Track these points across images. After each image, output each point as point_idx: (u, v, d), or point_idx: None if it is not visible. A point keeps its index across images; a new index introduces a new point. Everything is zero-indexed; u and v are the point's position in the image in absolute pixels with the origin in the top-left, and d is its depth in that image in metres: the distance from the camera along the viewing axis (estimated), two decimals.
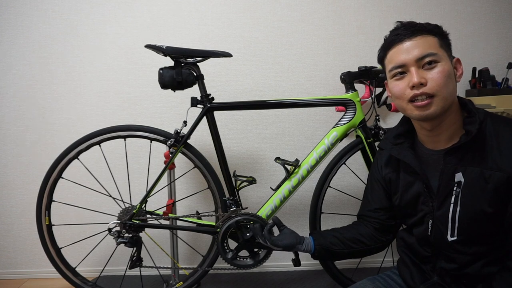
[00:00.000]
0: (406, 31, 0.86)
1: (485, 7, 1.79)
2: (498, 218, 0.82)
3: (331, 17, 1.77)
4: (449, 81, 0.83)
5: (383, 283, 1.03)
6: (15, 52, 1.76)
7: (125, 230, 1.39)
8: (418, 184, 0.93)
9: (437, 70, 0.83)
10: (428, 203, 0.91)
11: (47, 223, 1.47)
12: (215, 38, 1.77)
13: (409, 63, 0.85)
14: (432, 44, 0.84)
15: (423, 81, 0.82)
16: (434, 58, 0.83)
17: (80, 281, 1.50)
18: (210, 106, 1.40)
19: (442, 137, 0.89)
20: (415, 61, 0.84)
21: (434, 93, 0.82)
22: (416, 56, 0.84)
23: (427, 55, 0.83)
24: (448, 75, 0.83)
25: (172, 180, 1.59)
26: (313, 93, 1.80)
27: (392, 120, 1.81)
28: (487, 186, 0.81)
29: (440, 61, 0.83)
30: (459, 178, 0.85)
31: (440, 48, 0.85)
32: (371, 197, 1.10)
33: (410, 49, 0.85)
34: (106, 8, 1.75)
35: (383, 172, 1.04)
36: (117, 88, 1.78)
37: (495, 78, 1.69)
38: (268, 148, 1.83)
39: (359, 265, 1.75)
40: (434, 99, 0.83)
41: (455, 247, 0.87)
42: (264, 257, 1.35)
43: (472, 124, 0.83)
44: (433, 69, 0.83)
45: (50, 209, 1.48)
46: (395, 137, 0.99)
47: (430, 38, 0.85)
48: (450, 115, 0.87)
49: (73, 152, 1.45)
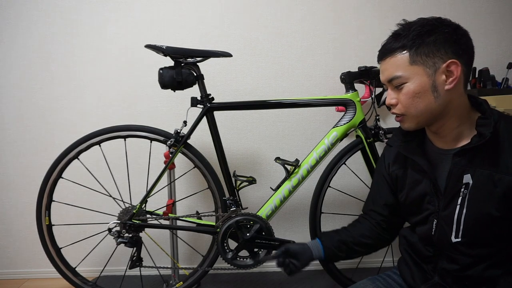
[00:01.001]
0: (380, 52, 0.89)
1: (485, 7, 1.79)
2: (504, 223, 0.81)
3: (331, 17, 1.77)
4: (417, 100, 0.84)
5: (384, 283, 1.03)
6: (15, 52, 1.76)
7: (125, 230, 1.39)
8: (425, 182, 0.92)
9: (403, 92, 0.85)
10: (434, 202, 0.90)
11: (47, 223, 1.47)
12: (215, 38, 1.77)
13: (385, 83, 0.90)
14: (400, 64, 0.84)
15: (393, 102, 0.88)
16: (400, 81, 0.84)
17: (80, 281, 1.51)
18: (210, 106, 1.40)
19: (448, 138, 0.88)
20: (387, 82, 0.88)
21: (402, 113, 0.88)
22: (385, 78, 0.88)
23: (392, 78, 0.86)
24: (416, 94, 0.83)
25: (172, 180, 1.59)
26: (313, 93, 1.80)
27: (392, 120, 1.81)
28: (495, 190, 0.80)
29: (408, 81, 0.84)
30: (467, 180, 0.83)
31: (411, 65, 0.82)
32: (377, 193, 1.09)
33: (383, 71, 0.89)
34: (106, 8, 1.75)
35: (390, 169, 1.04)
36: (117, 88, 1.79)
37: (495, 78, 1.69)
38: (268, 148, 1.83)
39: (359, 265, 1.75)
40: (405, 117, 0.88)
41: (458, 248, 0.86)
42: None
43: (486, 127, 0.81)
44: (402, 90, 0.85)
45: (50, 209, 1.48)
46: (405, 134, 0.98)
47: (399, 58, 0.84)
48: (449, 120, 0.85)
49: (73, 152, 1.45)
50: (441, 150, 0.91)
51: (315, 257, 1.06)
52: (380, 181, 1.08)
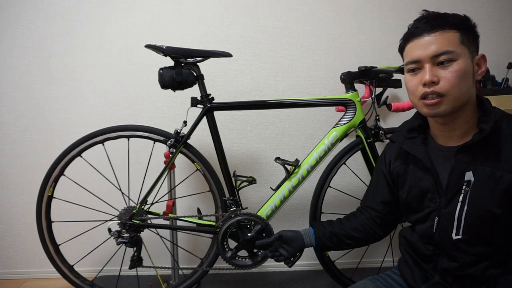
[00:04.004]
0: (426, 24, 0.84)
1: (485, 7, 1.79)
2: (505, 220, 0.81)
3: (331, 17, 1.77)
4: (463, 81, 0.81)
5: (384, 283, 1.03)
6: (15, 52, 1.76)
7: (125, 230, 1.39)
8: (427, 179, 0.92)
9: (451, 69, 0.81)
10: (436, 200, 0.90)
11: (49, 194, 1.47)
12: (215, 38, 1.77)
13: (424, 59, 0.83)
14: (452, 40, 0.81)
15: (435, 80, 0.81)
16: (450, 57, 0.81)
17: (80, 281, 1.51)
18: (210, 106, 1.40)
19: (455, 133, 0.88)
20: (430, 58, 0.82)
21: (444, 93, 0.81)
22: (432, 53, 0.82)
23: (443, 52, 0.81)
24: (463, 74, 0.81)
25: (177, 184, 1.59)
26: (313, 93, 1.80)
27: (392, 120, 1.81)
28: (497, 187, 0.80)
29: (457, 59, 0.81)
30: (469, 177, 0.83)
31: (461, 44, 0.82)
32: (375, 190, 1.11)
33: (427, 45, 0.83)
34: (106, 8, 1.75)
35: (391, 166, 1.04)
36: (117, 88, 1.79)
37: (495, 78, 1.69)
38: (268, 148, 1.83)
39: (359, 265, 1.75)
40: (444, 98, 0.82)
41: (459, 246, 0.86)
42: (263, 258, 1.35)
43: (486, 123, 0.82)
44: (448, 67, 0.81)
45: (50, 206, 1.49)
46: (409, 131, 0.98)
47: (451, 34, 0.82)
48: (465, 113, 0.85)
49: (74, 151, 1.45)
50: (443, 147, 0.91)
51: (306, 245, 1.15)
52: (380, 178, 1.09)
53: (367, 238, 1.12)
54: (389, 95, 1.70)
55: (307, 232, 1.16)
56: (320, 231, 1.14)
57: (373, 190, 1.12)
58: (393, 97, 1.77)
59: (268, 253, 1.21)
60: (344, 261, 1.71)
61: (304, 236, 1.15)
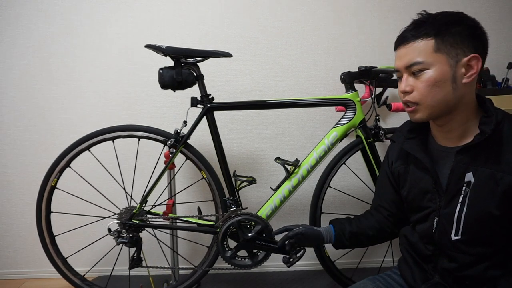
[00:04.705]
0: (403, 34, 0.87)
1: (485, 7, 1.79)
2: (505, 222, 0.81)
3: (331, 17, 1.77)
4: (436, 89, 0.82)
5: (384, 283, 1.03)
6: (15, 52, 1.76)
7: (125, 230, 1.39)
8: (427, 180, 0.92)
9: (422, 79, 0.83)
10: (435, 200, 0.90)
11: (53, 184, 1.48)
12: (215, 38, 1.77)
13: (401, 69, 0.88)
14: (423, 50, 0.82)
15: (408, 89, 0.86)
16: (421, 67, 0.83)
17: (80, 281, 1.51)
18: (210, 106, 1.40)
19: (453, 134, 0.88)
20: (405, 68, 0.86)
21: (417, 101, 0.85)
22: (404, 64, 0.86)
23: (413, 64, 0.84)
24: (435, 83, 0.82)
25: (180, 191, 1.59)
26: (313, 93, 1.80)
27: (392, 120, 1.81)
28: (497, 189, 0.80)
29: (429, 68, 0.82)
30: (469, 178, 0.83)
31: (434, 53, 0.82)
32: (383, 189, 1.12)
33: (402, 56, 0.87)
34: (106, 8, 1.75)
35: (393, 166, 1.05)
36: (117, 88, 1.79)
37: (495, 78, 1.69)
38: (268, 148, 1.83)
39: (359, 265, 1.75)
40: (419, 106, 0.86)
41: (458, 246, 0.86)
42: (263, 258, 1.35)
43: (487, 124, 0.81)
44: (419, 77, 0.84)
45: (52, 197, 1.50)
46: (409, 131, 0.99)
47: (424, 43, 0.82)
48: (459, 115, 0.86)
49: (83, 144, 1.46)
50: (444, 148, 0.91)
51: (325, 242, 1.15)
52: (384, 179, 1.10)
53: (384, 236, 1.13)
54: (389, 95, 1.69)
55: (328, 230, 1.15)
56: (340, 230, 1.14)
57: (380, 190, 1.14)
58: (393, 97, 1.77)
59: (287, 246, 1.16)
60: (344, 261, 1.71)
61: (325, 235, 1.14)
